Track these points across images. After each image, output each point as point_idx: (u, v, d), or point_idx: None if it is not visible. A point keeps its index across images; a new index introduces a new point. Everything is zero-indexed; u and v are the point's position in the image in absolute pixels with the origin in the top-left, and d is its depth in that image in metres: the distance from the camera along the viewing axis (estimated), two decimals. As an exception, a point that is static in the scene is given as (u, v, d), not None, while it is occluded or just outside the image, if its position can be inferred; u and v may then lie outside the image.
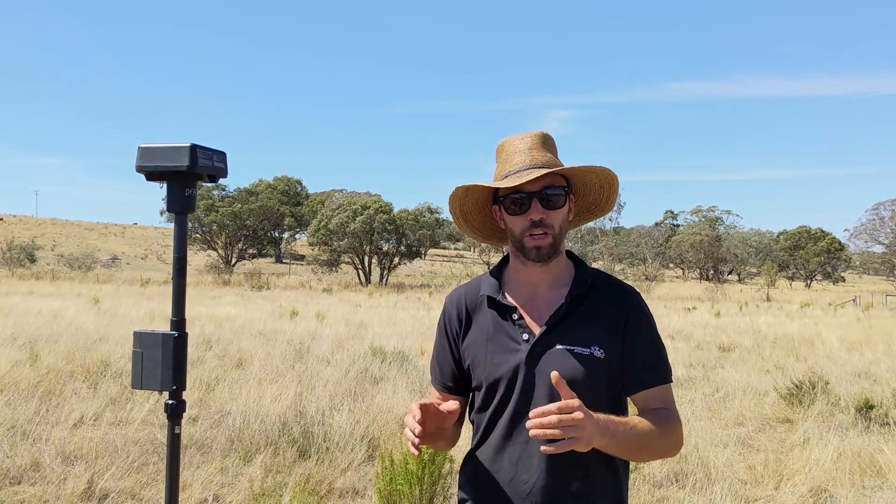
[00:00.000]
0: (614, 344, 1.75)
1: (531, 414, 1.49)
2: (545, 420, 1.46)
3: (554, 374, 1.52)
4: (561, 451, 1.48)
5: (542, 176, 1.73)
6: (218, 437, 6.06)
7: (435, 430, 1.72)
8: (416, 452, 1.60)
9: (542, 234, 1.74)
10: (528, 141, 1.80)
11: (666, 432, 1.72)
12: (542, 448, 1.50)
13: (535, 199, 1.74)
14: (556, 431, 1.46)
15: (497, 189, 1.81)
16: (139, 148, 1.89)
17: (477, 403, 1.84)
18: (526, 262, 1.79)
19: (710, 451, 5.81)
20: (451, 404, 1.70)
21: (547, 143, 1.82)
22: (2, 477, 4.95)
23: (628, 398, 1.83)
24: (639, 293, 1.85)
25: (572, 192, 1.84)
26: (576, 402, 1.49)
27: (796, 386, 8.25)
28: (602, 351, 1.73)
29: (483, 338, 1.81)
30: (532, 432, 1.48)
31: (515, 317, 1.79)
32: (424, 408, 1.64)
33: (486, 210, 1.92)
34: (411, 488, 4.36)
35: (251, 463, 5.48)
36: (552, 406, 1.47)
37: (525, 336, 1.76)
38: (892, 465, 5.56)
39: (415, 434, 1.58)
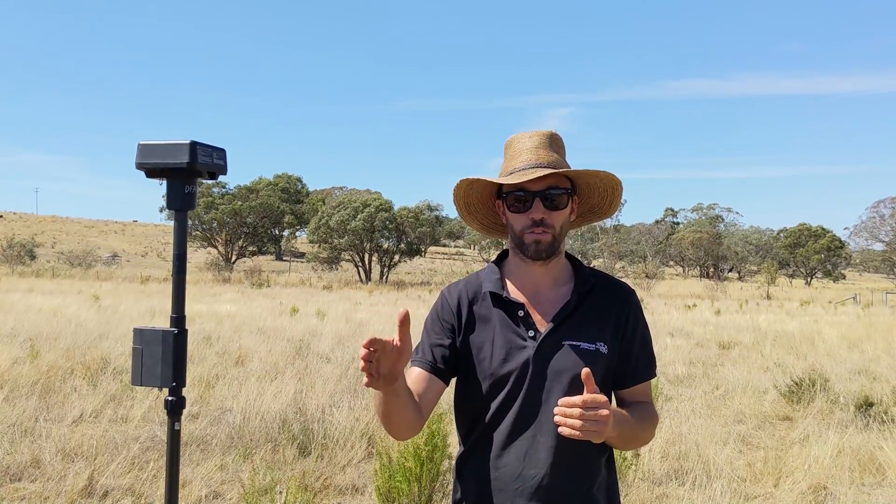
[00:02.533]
0: (615, 340, 1.80)
1: (560, 402, 1.55)
2: (568, 411, 1.53)
3: (585, 371, 1.56)
4: (575, 437, 1.55)
5: (545, 176, 1.75)
6: (218, 434, 6.07)
7: (388, 370, 1.53)
8: (368, 380, 1.49)
9: (542, 232, 1.76)
10: (535, 139, 1.81)
11: (649, 426, 1.82)
12: (560, 430, 1.56)
13: (538, 198, 1.75)
14: (577, 423, 1.53)
15: (501, 185, 1.83)
16: (139, 145, 1.89)
17: (478, 400, 1.82)
18: (525, 259, 1.80)
19: (709, 449, 5.82)
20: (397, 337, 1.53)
21: (555, 142, 1.83)
22: (2, 474, 4.95)
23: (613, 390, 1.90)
24: (634, 290, 1.90)
25: (576, 193, 1.86)
26: (602, 397, 1.54)
27: (796, 383, 8.26)
28: (606, 347, 1.77)
29: (488, 334, 1.81)
30: (556, 419, 1.56)
31: (521, 314, 1.79)
32: (376, 340, 1.48)
33: (489, 203, 1.95)
34: (410, 485, 4.37)
35: (251, 460, 5.48)
36: (577, 399, 1.53)
37: (532, 333, 1.77)
38: (891, 462, 5.57)
39: (364, 360, 1.47)
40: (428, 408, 1.82)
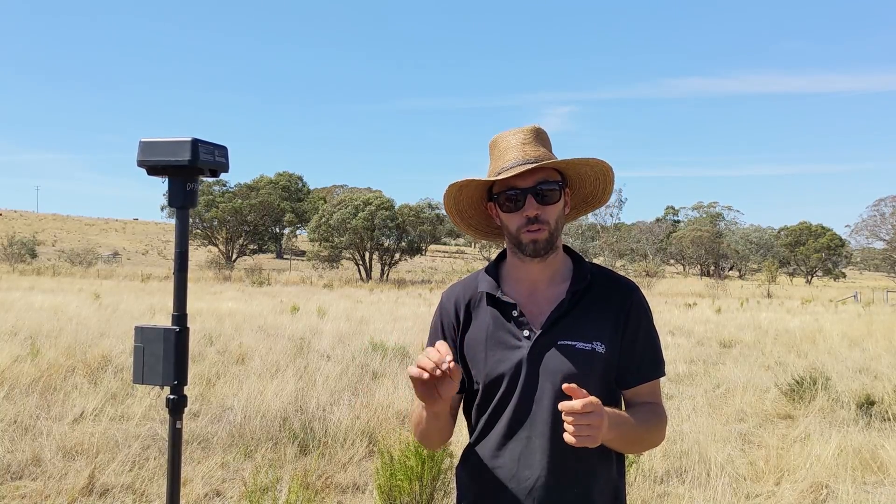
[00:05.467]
0: (615, 339, 1.75)
1: (564, 409, 1.48)
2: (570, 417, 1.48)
3: (569, 387, 1.51)
4: (576, 445, 1.50)
5: (534, 171, 1.72)
6: (219, 432, 6.06)
7: (434, 390, 1.58)
8: (426, 374, 1.51)
9: (537, 229, 1.73)
10: (520, 136, 1.78)
11: (656, 428, 1.77)
12: (566, 438, 1.51)
13: (530, 195, 1.72)
14: (570, 428, 1.48)
15: (492, 187, 1.81)
16: (140, 142, 1.87)
17: (476, 401, 1.81)
18: (524, 258, 1.77)
19: (710, 447, 5.80)
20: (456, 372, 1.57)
21: (539, 137, 1.80)
22: (3, 472, 4.95)
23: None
24: (638, 287, 1.84)
25: (567, 185, 1.83)
26: (596, 401, 1.50)
27: (797, 382, 8.25)
28: (603, 346, 1.73)
29: (483, 335, 1.79)
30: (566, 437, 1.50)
31: (515, 313, 1.76)
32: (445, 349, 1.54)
33: (481, 208, 1.91)
34: (411, 484, 4.36)
35: (252, 458, 5.48)
36: (577, 404, 1.47)
37: (526, 333, 1.75)
38: (892, 460, 5.56)
39: (431, 362, 1.51)
40: (453, 417, 1.85)
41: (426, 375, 1.52)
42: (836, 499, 4.94)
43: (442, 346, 1.54)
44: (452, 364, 1.52)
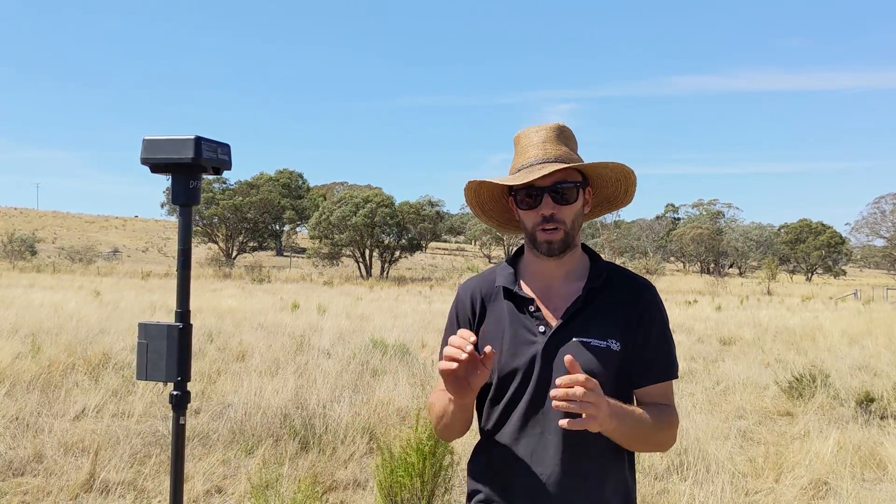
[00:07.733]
0: (629, 337, 1.74)
1: (558, 381, 1.47)
2: (571, 391, 1.45)
3: (568, 358, 1.49)
4: (576, 428, 1.48)
5: (554, 171, 1.72)
6: (219, 429, 6.07)
7: (465, 381, 1.62)
8: (454, 364, 1.55)
9: (553, 229, 1.73)
10: (542, 134, 1.78)
11: (664, 427, 1.74)
12: (560, 422, 1.49)
13: (547, 194, 1.72)
14: (576, 405, 1.46)
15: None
16: (144, 140, 1.88)
17: (490, 394, 1.81)
18: (539, 255, 1.79)
19: (710, 444, 5.81)
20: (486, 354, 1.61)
21: (563, 135, 1.80)
22: (5, 468, 4.96)
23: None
24: (654, 287, 1.84)
25: (589, 185, 1.82)
26: (594, 381, 1.50)
27: (797, 379, 8.26)
28: (618, 344, 1.73)
29: (499, 329, 1.79)
30: (555, 403, 1.47)
31: (532, 308, 1.77)
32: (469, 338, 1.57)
33: (502, 202, 1.92)
34: (412, 480, 4.37)
35: (253, 455, 5.49)
36: (581, 376, 1.47)
37: (541, 328, 1.75)
38: (892, 457, 5.57)
39: (456, 348, 1.54)
40: (470, 410, 1.84)
41: (454, 365, 1.56)
42: (835, 496, 4.95)
43: (463, 332, 1.58)
44: (488, 349, 1.57)
